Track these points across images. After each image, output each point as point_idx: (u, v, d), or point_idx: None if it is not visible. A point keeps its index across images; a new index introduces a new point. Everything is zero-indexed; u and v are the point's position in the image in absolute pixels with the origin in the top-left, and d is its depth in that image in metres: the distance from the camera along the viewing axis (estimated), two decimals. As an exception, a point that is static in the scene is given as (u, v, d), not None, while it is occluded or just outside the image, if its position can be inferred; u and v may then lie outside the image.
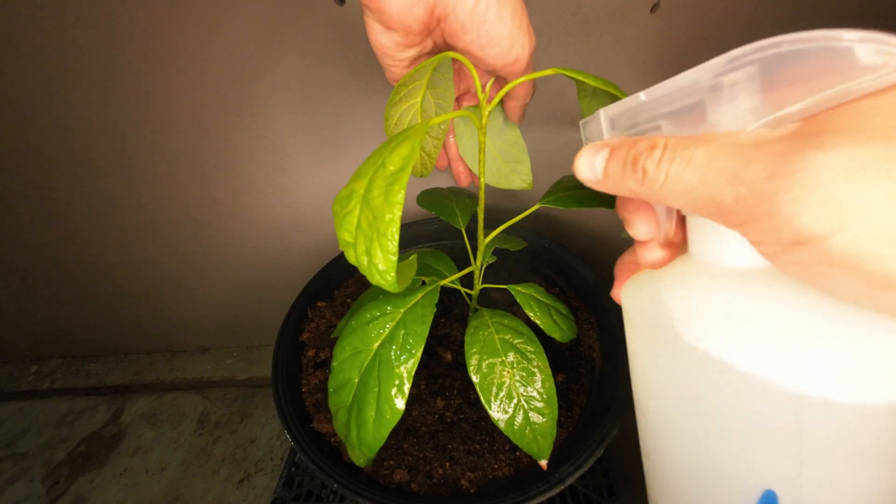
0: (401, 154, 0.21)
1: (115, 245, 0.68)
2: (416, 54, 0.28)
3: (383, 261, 0.21)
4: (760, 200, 0.12)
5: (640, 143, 0.16)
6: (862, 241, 0.11)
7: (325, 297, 0.52)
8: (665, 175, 0.15)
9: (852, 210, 0.11)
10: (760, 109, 0.14)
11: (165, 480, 0.72)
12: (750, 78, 0.14)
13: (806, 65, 0.12)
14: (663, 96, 0.16)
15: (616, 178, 0.17)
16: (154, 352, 0.91)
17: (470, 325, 0.34)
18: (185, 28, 0.45)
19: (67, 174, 0.59)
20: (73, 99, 0.51)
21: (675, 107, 0.16)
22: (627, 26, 0.45)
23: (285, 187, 0.60)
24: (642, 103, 0.17)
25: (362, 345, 0.29)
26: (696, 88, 0.15)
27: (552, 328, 0.36)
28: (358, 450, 0.28)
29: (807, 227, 0.11)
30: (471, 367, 0.32)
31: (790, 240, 0.12)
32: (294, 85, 0.50)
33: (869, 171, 0.10)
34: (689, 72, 0.16)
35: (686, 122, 0.16)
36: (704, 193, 0.14)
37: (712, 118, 0.15)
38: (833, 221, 0.11)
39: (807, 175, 0.11)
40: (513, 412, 0.32)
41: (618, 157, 0.17)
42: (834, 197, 0.11)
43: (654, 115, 0.17)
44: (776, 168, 0.12)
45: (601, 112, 0.19)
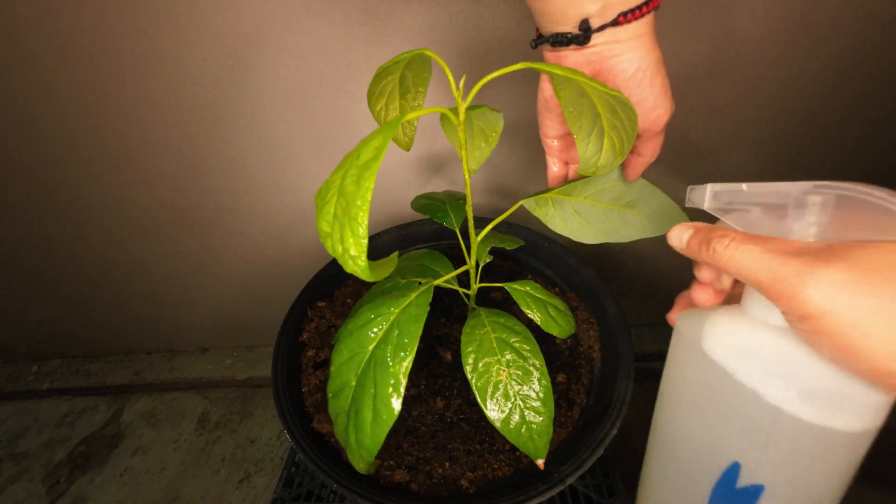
0: (373, 145, 0.22)
1: (116, 245, 0.68)
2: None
3: (354, 245, 0.21)
4: (786, 288, 0.19)
5: (717, 230, 0.23)
6: (839, 323, 0.18)
7: (325, 297, 0.52)
8: (729, 257, 0.22)
9: (837, 305, 0.18)
10: (823, 227, 0.20)
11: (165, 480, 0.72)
12: (825, 203, 0.20)
13: (866, 211, 0.19)
14: (761, 193, 0.22)
15: (694, 249, 0.24)
16: (154, 352, 0.91)
17: (466, 324, 0.34)
18: (184, 28, 0.45)
19: (67, 174, 0.59)
20: (73, 99, 0.51)
21: (766, 201, 0.22)
22: (627, 26, 0.45)
23: (285, 187, 0.60)
24: (743, 192, 0.23)
25: (358, 347, 0.30)
26: (786, 196, 0.21)
27: (549, 324, 0.36)
28: (357, 454, 0.28)
29: (809, 309, 0.18)
30: (467, 367, 0.32)
31: (799, 314, 0.19)
32: (294, 85, 0.50)
33: (851, 286, 0.18)
34: (785, 183, 0.21)
35: (771, 214, 0.22)
36: (751, 275, 0.21)
37: (790, 218, 0.21)
38: (824, 308, 0.18)
39: (815, 280, 0.18)
40: (509, 411, 0.32)
41: (698, 236, 0.24)
42: (828, 296, 0.18)
43: (749, 201, 0.23)
44: (801, 272, 0.19)
45: (709, 186, 0.24)
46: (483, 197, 0.62)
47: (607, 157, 0.29)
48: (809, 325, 0.19)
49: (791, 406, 0.21)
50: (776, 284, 0.19)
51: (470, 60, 0.48)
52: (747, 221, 0.23)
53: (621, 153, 0.29)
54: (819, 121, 0.53)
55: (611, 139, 0.29)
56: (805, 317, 0.19)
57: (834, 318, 0.18)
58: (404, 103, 0.33)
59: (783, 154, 0.57)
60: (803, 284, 0.18)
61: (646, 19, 0.27)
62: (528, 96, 0.50)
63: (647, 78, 0.28)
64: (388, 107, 0.33)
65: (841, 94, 0.51)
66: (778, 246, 0.20)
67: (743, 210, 0.23)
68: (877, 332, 0.17)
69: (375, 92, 0.32)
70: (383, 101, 0.33)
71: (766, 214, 0.22)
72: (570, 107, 0.28)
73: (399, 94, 0.33)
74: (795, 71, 0.49)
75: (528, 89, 0.50)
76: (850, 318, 0.17)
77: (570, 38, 0.26)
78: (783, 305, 0.20)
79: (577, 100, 0.28)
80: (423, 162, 0.59)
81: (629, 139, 0.29)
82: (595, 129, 0.28)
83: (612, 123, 0.28)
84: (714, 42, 0.46)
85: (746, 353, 0.23)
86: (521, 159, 0.58)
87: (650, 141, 0.32)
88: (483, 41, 0.47)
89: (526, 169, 0.59)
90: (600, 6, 0.25)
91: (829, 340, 0.18)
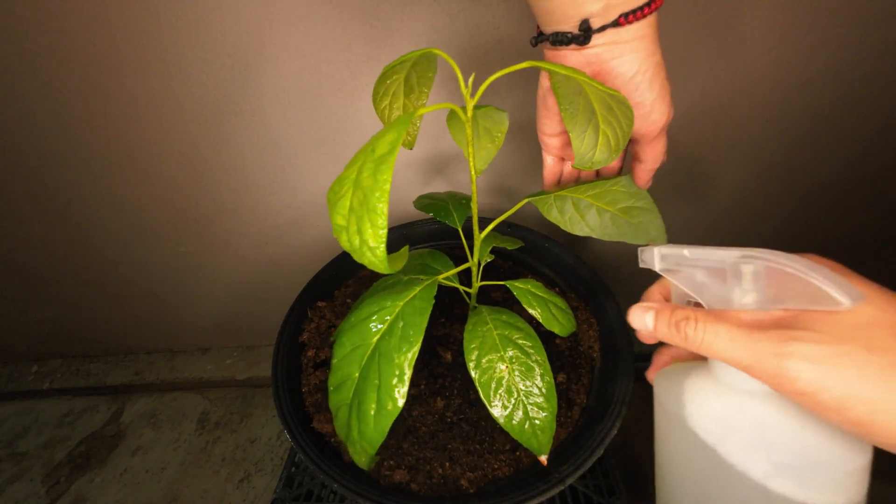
0: (388, 140, 0.22)
1: (116, 245, 0.68)
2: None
3: (373, 237, 0.22)
4: (769, 367, 0.20)
5: (678, 311, 0.24)
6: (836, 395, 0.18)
7: (325, 297, 0.52)
8: (701, 340, 0.22)
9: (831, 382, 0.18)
10: (761, 294, 0.22)
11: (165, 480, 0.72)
12: (756, 273, 0.22)
13: (797, 282, 0.20)
14: (701, 259, 0.24)
15: (664, 334, 0.25)
16: (154, 352, 0.91)
17: (469, 321, 0.34)
18: (185, 28, 0.45)
19: (67, 174, 0.59)
20: (73, 99, 0.51)
21: (708, 266, 0.24)
22: (627, 26, 0.45)
23: (285, 187, 0.60)
24: (686, 257, 0.24)
25: (361, 340, 0.30)
26: (724, 263, 0.23)
27: (551, 321, 0.36)
28: (359, 446, 0.28)
29: (801, 386, 0.19)
30: (470, 364, 0.32)
31: (793, 390, 0.19)
32: (294, 85, 0.50)
33: (829, 362, 0.18)
34: (722, 251, 0.23)
35: (714, 277, 0.24)
36: (730, 357, 0.21)
37: (729, 284, 0.23)
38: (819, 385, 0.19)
39: (800, 357, 0.19)
40: (512, 408, 0.32)
41: (663, 319, 0.25)
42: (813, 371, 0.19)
43: (694, 264, 0.24)
44: (780, 348, 0.19)
45: (656, 249, 0.26)
46: (484, 196, 0.62)
47: (602, 152, 0.29)
48: (811, 401, 0.19)
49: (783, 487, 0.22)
50: (758, 364, 0.20)
51: (470, 60, 0.48)
52: (694, 282, 0.25)
53: (616, 149, 0.29)
54: (819, 121, 0.53)
55: (605, 135, 0.29)
56: (802, 393, 0.19)
57: (833, 394, 0.18)
58: (408, 102, 0.33)
59: (783, 154, 0.57)
60: (784, 362, 0.19)
61: (648, 20, 0.26)
62: (529, 96, 0.50)
63: (646, 81, 0.28)
64: (393, 105, 0.33)
65: (841, 94, 0.51)
66: (741, 322, 0.21)
67: (689, 272, 0.25)
68: (883, 406, 0.18)
69: (380, 91, 0.33)
70: (388, 100, 0.33)
71: (709, 277, 0.24)
72: (566, 103, 0.28)
73: (404, 92, 0.33)
74: (795, 71, 0.49)
75: (528, 89, 0.50)
76: (849, 393, 0.18)
77: (570, 37, 0.26)
78: (771, 383, 0.20)
79: (574, 97, 0.28)
80: (426, 163, 0.59)
81: (624, 136, 0.29)
82: (590, 125, 0.29)
83: (607, 120, 0.28)
84: (714, 41, 0.46)
85: (732, 429, 0.23)
86: (522, 159, 0.58)
87: (649, 146, 0.32)
88: (483, 41, 0.47)
89: (527, 169, 0.59)
90: (602, 6, 0.24)
91: (834, 415, 0.19)
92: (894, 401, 0.18)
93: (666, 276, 0.26)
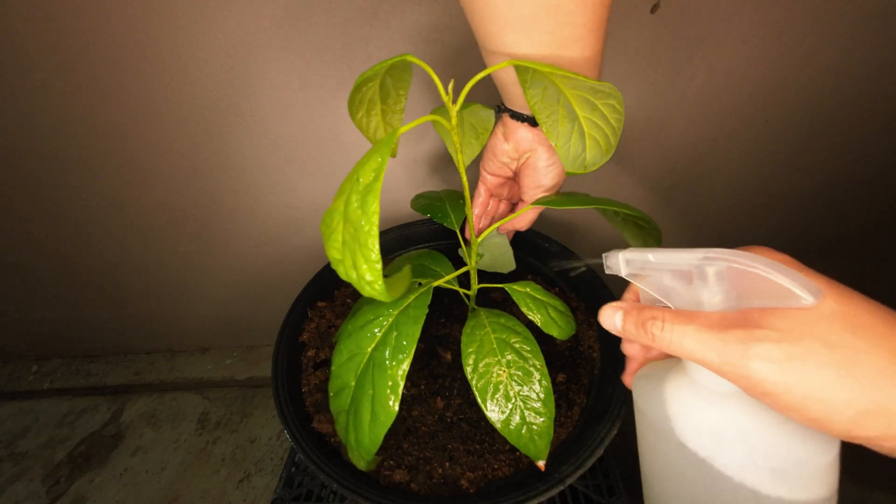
0: (371, 167, 0.22)
1: (115, 245, 0.68)
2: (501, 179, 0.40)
3: (368, 271, 0.22)
4: (735, 368, 0.20)
5: (645, 311, 0.24)
6: (797, 396, 0.19)
7: (325, 298, 0.52)
8: (669, 341, 0.23)
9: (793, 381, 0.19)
10: (726, 294, 0.22)
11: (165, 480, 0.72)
12: (719, 274, 0.22)
13: (760, 280, 0.20)
14: (665, 262, 0.24)
15: (632, 334, 0.25)
16: (154, 352, 0.91)
17: (467, 324, 0.34)
18: (184, 28, 0.45)
19: (67, 174, 0.59)
20: (73, 99, 0.51)
21: (672, 268, 0.23)
22: (627, 26, 0.45)
23: (285, 187, 0.60)
24: (650, 261, 0.24)
25: (358, 348, 0.30)
26: (688, 265, 0.23)
27: (549, 325, 0.36)
28: (357, 452, 0.28)
29: (768, 387, 0.19)
30: (467, 367, 0.32)
31: (760, 391, 0.20)
32: (294, 85, 0.50)
33: (791, 362, 0.19)
34: (685, 253, 0.23)
35: (680, 280, 0.24)
36: (699, 357, 0.21)
37: (696, 286, 0.23)
38: (784, 385, 0.19)
39: (763, 358, 0.19)
40: (509, 412, 0.31)
41: (630, 319, 0.25)
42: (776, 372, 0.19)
43: (658, 268, 0.24)
44: (745, 349, 0.20)
45: (620, 254, 0.25)
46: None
47: (593, 154, 0.30)
48: (775, 400, 0.20)
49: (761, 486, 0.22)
50: (725, 365, 0.21)
51: (470, 60, 0.48)
52: (661, 287, 0.24)
53: (608, 148, 0.29)
54: (819, 121, 0.53)
55: (593, 139, 0.29)
56: (767, 393, 0.20)
57: (797, 393, 0.19)
58: (385, 108, 0.32)
59: (783, 154, 0.57)
60: (749, 363, 0.20)
61: None
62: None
63: (550, 173, 0.35)
64: (370, 113, 0.32)
65: (841, 94, 0.51)
66: (707, 321, 0.22)
67: (656, 276, 0.24)
68: (840, 403, 0.18)
69: (356, 100, 0.31)
70: (363, 108, 0.32)
71: (676, 281, 0.24)
72: (544, 116, 0.28)
73: (380, 98, 0.32)
74: (795, 71, 0.49)
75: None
76: (810, 391, 0.19)
77: (524, 118, 0.33)
78: (741, 383, 0.21)
79: (552, 107, 0.28)
80: (421, 161, 0.59)
81: (614, 132, 0.29)
82: (574, 132, 0.29)
83: (591, 123, 0.28)
84: (714, 41, 0.46)
85: (723, 440, 0.23)
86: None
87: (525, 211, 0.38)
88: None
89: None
90: None
91: (797, 413, 0.20)
92: (850, 398, 0.18)
93: (633, 282, 0.26)
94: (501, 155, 0.37)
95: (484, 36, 0.28)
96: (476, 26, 0.28)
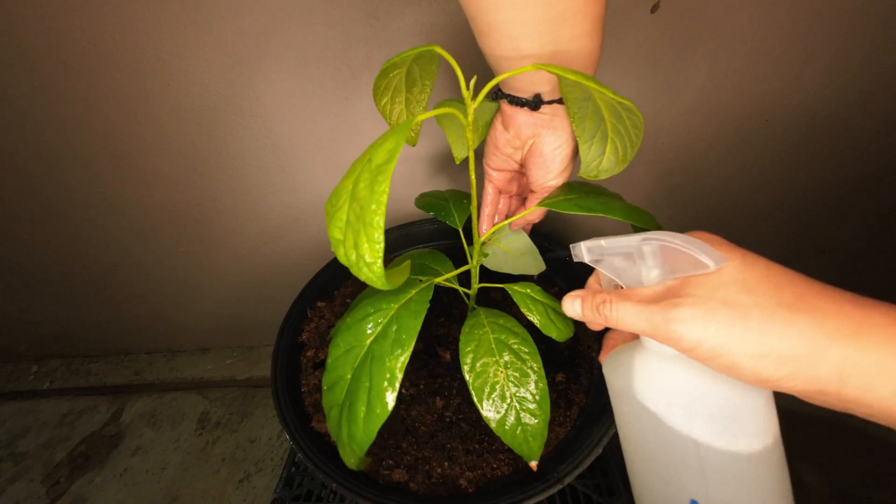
0: (386, 148, 0.22)
1: (115, 245, 0.68)
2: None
3: (370, 252, 0.21)
4: (662, 332, 0.24)
5: (598, 296, 0.28)
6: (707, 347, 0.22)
7: (325, 297, 0.52)
8: (616, 317, 0.27)
9: (703, 335, 0.22)
10: (661, 269, 0.26)
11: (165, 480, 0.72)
12: (654, 253, 0.26)
13: (682, 254, 0.24)
14: (615, 247, 0.28)
15: (591, 317, 0.29)
16: (154, 352, 0.91)
17: (466, 324, 0.34)
18: (184, 28, 0.45)
19: (67, 174, 0.59)
20: (73, 99, 0.51)
21: (622, 252, 0.27)
22: (627, 26, 0.45)
23: (285, 187, 0.60)
24: (603, 246, 0.28)
25: (356, 341, 0.29)
26: (631, 247, 0.27)
27: (549, 327, 0.36)
28: (349, 448, 0.28)
29: (687, 344, 0.23)
30: (465, 366, 0.32)
31: (685, 348, 0.23)
32: (294, 85, 0.50)
33: (699, 320, 0.23)
34: (629, 237, 0.27)
35: (627, 261, 0.27)
36: (636, 327, 0.25)
37: (638, 264, 0.27)
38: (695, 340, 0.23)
39: (680, 321, 0.23)
40: (505, 412, 0.32)
41: (587, 304, 0.29)
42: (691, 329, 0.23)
43: (611, 253, 0.28)
44: (666, 315, 0.23)
45: (582, 244, 0.29)
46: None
47: (610, 161, 0.30)
48: (696, 354, 0.23)
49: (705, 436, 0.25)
50: (655, 331, 0.24)
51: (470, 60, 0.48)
52: (614, 268, 0.28)
53: (624, 159, 0.30)
54: (819, 121, 0.53)
55: (614, 144, 0.29)
56: (689, 349, 0.23)
57: (707, 345, 0.22)
58: (410, 96, 0.33)
59: (783, 154, 0.57)
60: (670, 326, 0.23)
61: None
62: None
63: (563, 152, 0.34)
64: (395, 100, 0.33)
65: (841, 94, 0.51)
66: (641, 296, 0.26)
67: (609, 259, 0.28)
68: (739, 350, 0.22)
69: (381, 86, 0.32)
70: (389, 94, 0.32)
71: (624, 262, 0.28)
72: (576, 107, 0.28)
73: (405, 86, 0.32)
74: (795, 71, 0.49)
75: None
76: (716, 342, 0.22)
77: (524, 101, 0.33)
78: (670, 344, 0.24)
79: (583, 101, 0.28)
80: (427, 159, 0.59)
81: (633, 147, 0.29)
82: (598, 132, 0.29)
83: (616, 129, 0.29)
84: (715, 42, 0.46)
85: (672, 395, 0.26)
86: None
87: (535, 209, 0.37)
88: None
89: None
90: (550, 87, 0.31)
91: (714, 363, 0.23)
92: (745, 343, 0.21)
93: (596, 267, 0.30)
94: (504, 146, 0.36)
95: (476, 11, 0.28)
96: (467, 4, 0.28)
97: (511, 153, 0.36)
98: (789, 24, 0.45)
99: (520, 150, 0.36)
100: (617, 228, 0.62)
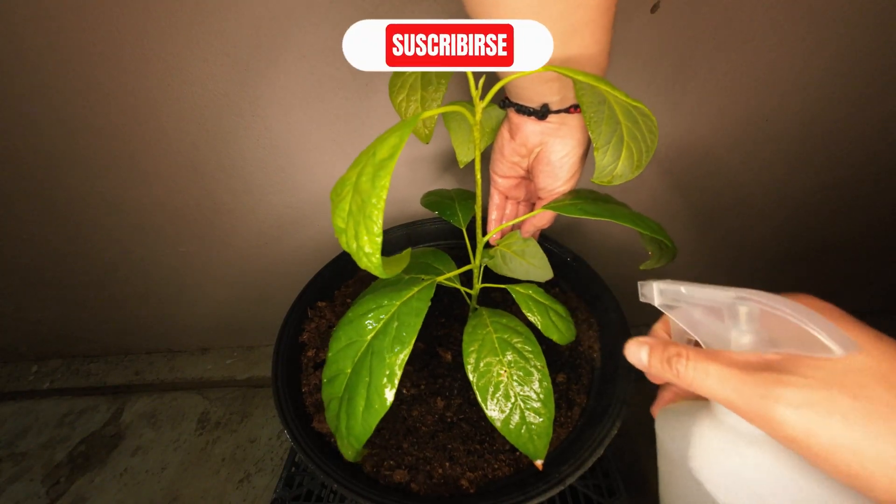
0: (389, 143, 0.22)
1: (116, 245, 0.68)
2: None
3: (368, 243, 0.22)
4: (756, 409, 0.20)
5: (671, 348, 0.24)
6: (822, 441, 0.18)
7: (325, 298, 0.52)
8: (692, 378, 0.22)
9: (821, 430, 0.18)
10: (756, 336, 0.22)
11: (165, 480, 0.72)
12: (751, 315, 0.22)
13: (790, 326, 0.20)
14: (697, 297, 0.24)
15: (658, 370, 0.25)
16: (154, 352, 0.91)
17: (469, 323, 0.34)
18: (184, 28, 0.45)
19: (67, 174, 0.59)
20: (73, 99, 0.51)
21: (705, 304, 0.24)
22: (627, 26, 0.45)
23: (285, 187, 0.60)
24: (682, 293, 0.24)
25: (357, 335, 0.30)
26: (719, 302, 0.23)
27: (550, 329, 0.36)
28: (347, 441, 0.28)
29: (791, 432, 0.19)
30: (468, 366, 0.32)
31: (783, 435, 0.19)
32: (294, 85, 0.50)
33: (814, 408, 0.18)
34: (718, 290, 0.23)
35: (711, 316, 0.24)
36: (721, 397, 0.21)
37: (726, 323, 0.23)
38: (809, 432, 0.18)
39: (787, 402, 0.19)
40: (509, 411, 0.32)
41: (656, 355, 0.25)
42: (800, 417, 0.18)
43: (691, 302, 0.24)
44: (766, 392, 0.19)
45: (654, 284, 0.26)
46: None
47: (624, 167, 0.30)
48: (802, 448, 0.19)
49: None
50: (747, 405, 0.20)
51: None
52: (691, 320, 0.25)
53: (638, 165, 0.30)
54: (819, 121, 0.53)
55: (629, 149, 0.29)
56: (792, 439, 0.19)
57: (824, 441, 0.18)
58: (426, 94, 0.33)
59: (783, 154, 0.57)
60: (772, 405, 0.19)
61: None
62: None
63: (570, 161, 0.34)
64: (410, 98, 0.33)
65: (841, 94, 0.51)
66: (732, 362, 0.22)
67: (687, 308, 0.25)
68: (876, 457, 0.17)
69: (397, 84, 0.33)
70: (405, 92, 0.33)
71: (706, 316, 0.24)
72: (591, 111, 0.28)
73: (421, 85, 0.33)
74: (795, 71, 0.49)
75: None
76: (840, 441, 0.18)
77: (531, 111, 0.33)
78: (762, 426, 0.20)
79: (598, 105, 0.28)
80: (433, 161, 0.59)
81: (648, 152, 0.29)
82: (614, 137, 0.29)
83: (632, 133, 0.29)
84: (715, 42, 0.46)
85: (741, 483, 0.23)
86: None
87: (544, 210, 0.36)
88: (483, 41, 0.47)
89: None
90: (559, 98, 0.31)
91: (827, 464, 0.18)
92: (884, 451, 0.17)
93: (665, 312, 0.26)
94: (510, 154, 0.36)
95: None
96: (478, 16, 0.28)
97: (517, 161, 0.36)
98: (789, 24, 0.45)
99: (526, 157, 0.36)
100: (623, 233, 0.62)
